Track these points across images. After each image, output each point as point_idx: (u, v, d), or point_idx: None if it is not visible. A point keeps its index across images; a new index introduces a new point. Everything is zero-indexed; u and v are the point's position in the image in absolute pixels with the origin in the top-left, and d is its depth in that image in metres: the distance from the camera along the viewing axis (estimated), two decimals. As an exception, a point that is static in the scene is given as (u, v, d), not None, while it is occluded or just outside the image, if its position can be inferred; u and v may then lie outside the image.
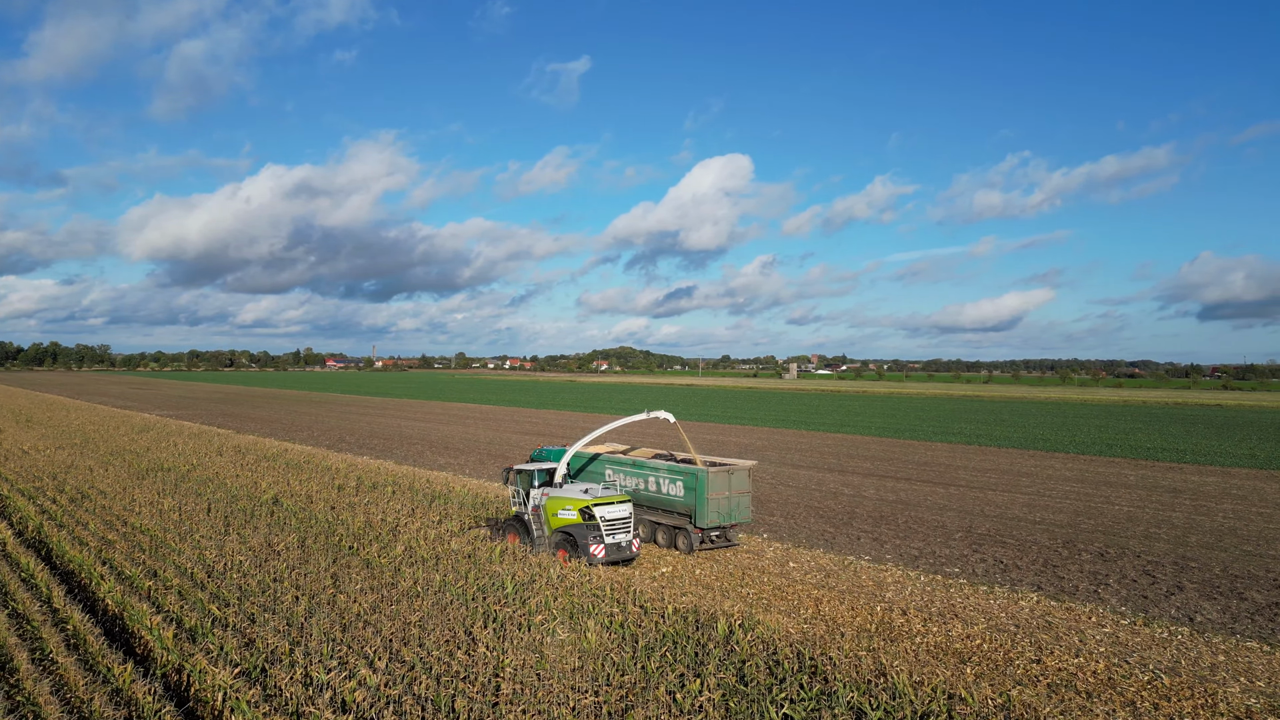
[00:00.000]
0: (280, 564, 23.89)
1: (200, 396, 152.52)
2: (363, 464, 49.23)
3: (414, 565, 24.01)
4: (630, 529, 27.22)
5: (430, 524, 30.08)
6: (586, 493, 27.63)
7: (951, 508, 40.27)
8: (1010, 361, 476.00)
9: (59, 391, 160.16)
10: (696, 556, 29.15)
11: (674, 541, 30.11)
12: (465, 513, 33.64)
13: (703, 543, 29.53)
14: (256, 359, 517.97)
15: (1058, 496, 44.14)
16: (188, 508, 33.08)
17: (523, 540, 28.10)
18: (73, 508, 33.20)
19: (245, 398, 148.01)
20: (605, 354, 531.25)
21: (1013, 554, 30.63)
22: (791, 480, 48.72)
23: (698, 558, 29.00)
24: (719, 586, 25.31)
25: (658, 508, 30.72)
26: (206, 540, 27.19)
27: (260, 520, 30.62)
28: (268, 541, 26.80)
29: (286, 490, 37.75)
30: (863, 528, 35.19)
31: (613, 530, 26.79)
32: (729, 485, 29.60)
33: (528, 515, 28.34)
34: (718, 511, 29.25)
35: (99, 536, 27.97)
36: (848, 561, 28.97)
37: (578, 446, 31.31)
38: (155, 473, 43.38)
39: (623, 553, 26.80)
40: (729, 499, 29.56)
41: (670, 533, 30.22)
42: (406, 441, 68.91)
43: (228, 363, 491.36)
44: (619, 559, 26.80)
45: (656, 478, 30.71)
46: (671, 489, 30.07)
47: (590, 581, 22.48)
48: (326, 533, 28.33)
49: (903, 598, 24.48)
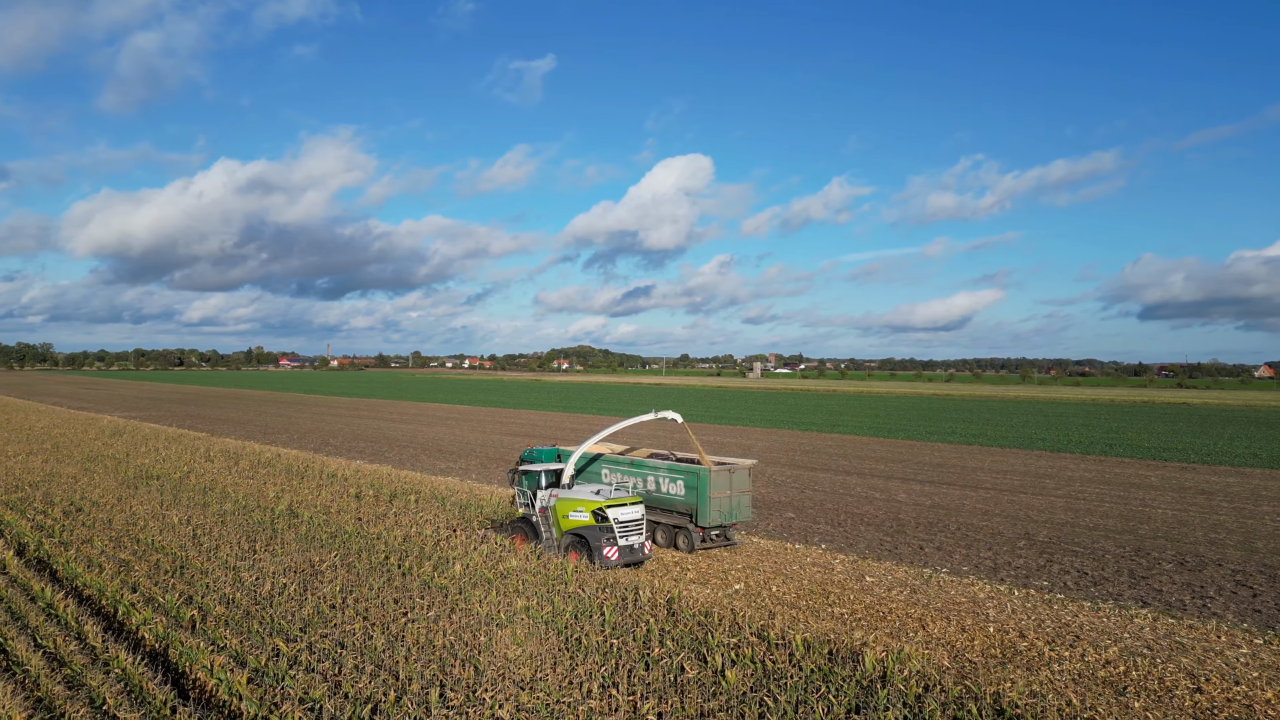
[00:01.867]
0: (330, 588, 21.38)
1: (157, 397, 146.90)
2: (369, 470, 46.43)
3: (480, 586, 21.67)
4: (643, 530, 26.74)
5: (475, 539, 27.68)
6: (599, 494, 26.96)
7: (994, 512, 38.82)
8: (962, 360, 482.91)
9: (6, 392, 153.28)
10: (766, 574, 27.20)
11: (674, 541, 29.68)
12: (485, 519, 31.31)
13: (704, 541, 29.20)
14: (206, 358, 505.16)
15: (1092, 499, 42.98)
16: (198, 520, 30.28)
17: (530, 542, 27.16)
18: (70, 522, 30.16)
19: (206, 398, 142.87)
20: (564, 353, 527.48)
21: (1090, 564, 29.13)
22: (816, 484, 47.00)
23: (765, 575, 27.05)
24: (807, 606, 23.34)
25: (657, 507, 30.08)
26: (235, 559, 24.52)
27: (284, 535, 27.96)
28: (307, 560, 24.22)
29: (299, 500, 35.00)
30: (918, 535, 33.51)
31: (626, 532, 26.20)
32: (730, 484, 29.26)
33: (536, 517, 27.64)
34: (719, 510, 28.92)
35: (111, 556, 25.11)
36: (926, 575, 27.19)
37: (586, 447, 30.38)
38: (146, 481, 40.25)
39: (635, 555, 26.26)
40: (730, 498, 29.22)
41: (670, 532, 29.81)
42: (395, 444, 66.00)
43: (177, 362, 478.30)
44: (632, 561, 26.23)
45: (656, 477, 30.23)
46: (672, 488, 29.63)
47: (688, 606, 20.37)
48: (366, 549, 25.79)
49: (1006, 616, 22.72)
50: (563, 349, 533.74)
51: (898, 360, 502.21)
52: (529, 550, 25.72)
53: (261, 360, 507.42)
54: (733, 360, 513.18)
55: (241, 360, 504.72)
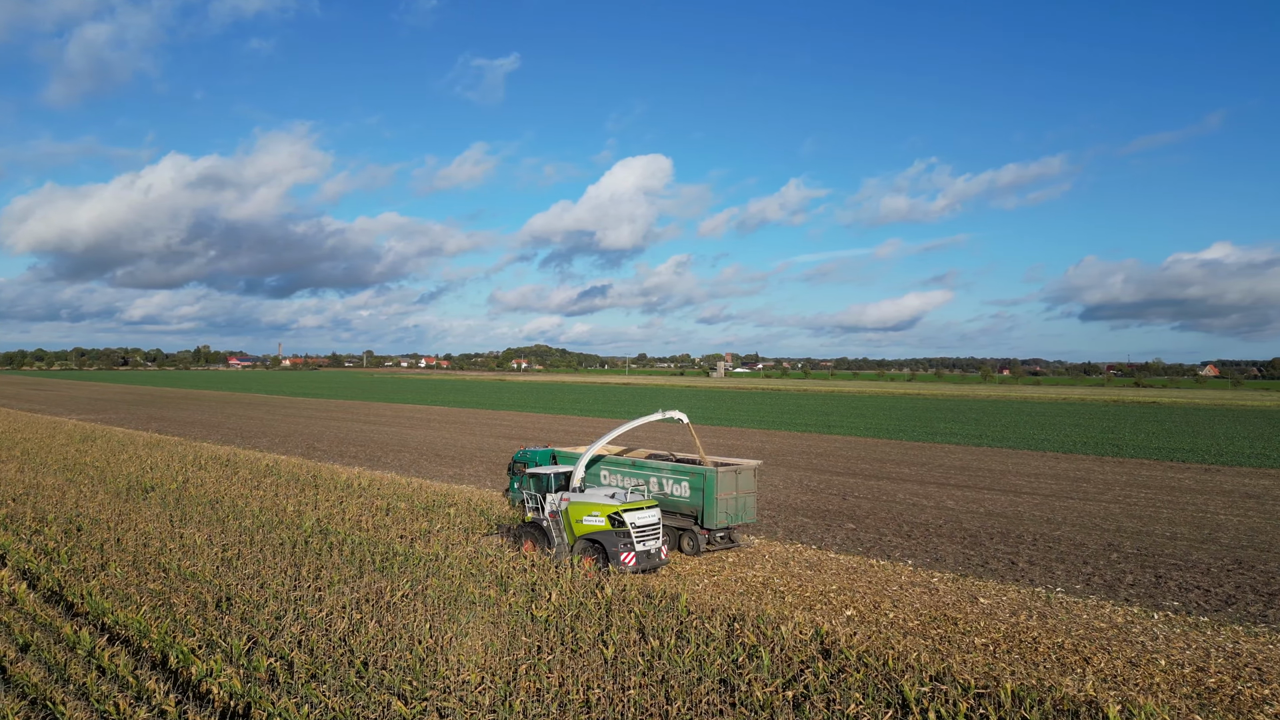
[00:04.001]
0: (419, 626, 18.40)
1: (110, 398, 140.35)
2: (384, 480, 43.04)
3: (591, 621, 18.87)
4: (659, 535, 25.86)
5: (548, 559, 24.80)
6: (613, 498, 26.21)
7: (1058, 520, 36.88)
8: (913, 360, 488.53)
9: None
10: (867, 595, 24.75)
11: (678, 544, 28.90)
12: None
13: (709, 543, 28.54)
14: (152, 357, 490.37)
15: (1142, 504, 41.33)
16: (221, 540, 26.91)
17: (540, 548, 26.20)
18: (74, 544, 26.57)
19: (163, 400, 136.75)
20: (521, 352, 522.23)
21: (1203, 579, 27.12)
22: (854, 490, 44.73)
23: (869, 597, 24.60)
24: (940, 635, 20.89)
25: (660, 509, 28.26)
26: (286, 589, 21.34)
27: (326, 557, 24.76)
28: (373, 590, 21.14)
29: (323, 515, 31.72)
30: (999, 548, 31.33)
31: (643, 537, 25.30)
32: (736, 485, 28.60)
33: (545, 521, 26.58)
34: (726, 512, 28.22)
35: (139, 587, 21.75)
36: (1041, 594, 24.92)
37: (596, 448, 29.43)
38: (141, 493, 36.54)
39: (652, 560, 25.43)
40: (736, 499, 28.59)
41: (674, 534, 28.95)
42: (388, 449, 62.43)
43: (121, 361, 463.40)
44: (649, 567, 25.37)
45: (659, 478, 29.34)
46: (676, 489, 28.81)
47: (843, 645, 17.78)
48: (436, 574, 22.77)
49: (1171, 648, 20.41)
50: (519, 348, 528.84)
51: (851, 360, 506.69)
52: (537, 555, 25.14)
53: (210, 360, 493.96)
54: (690, 360, 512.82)
55: (189, 359, 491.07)
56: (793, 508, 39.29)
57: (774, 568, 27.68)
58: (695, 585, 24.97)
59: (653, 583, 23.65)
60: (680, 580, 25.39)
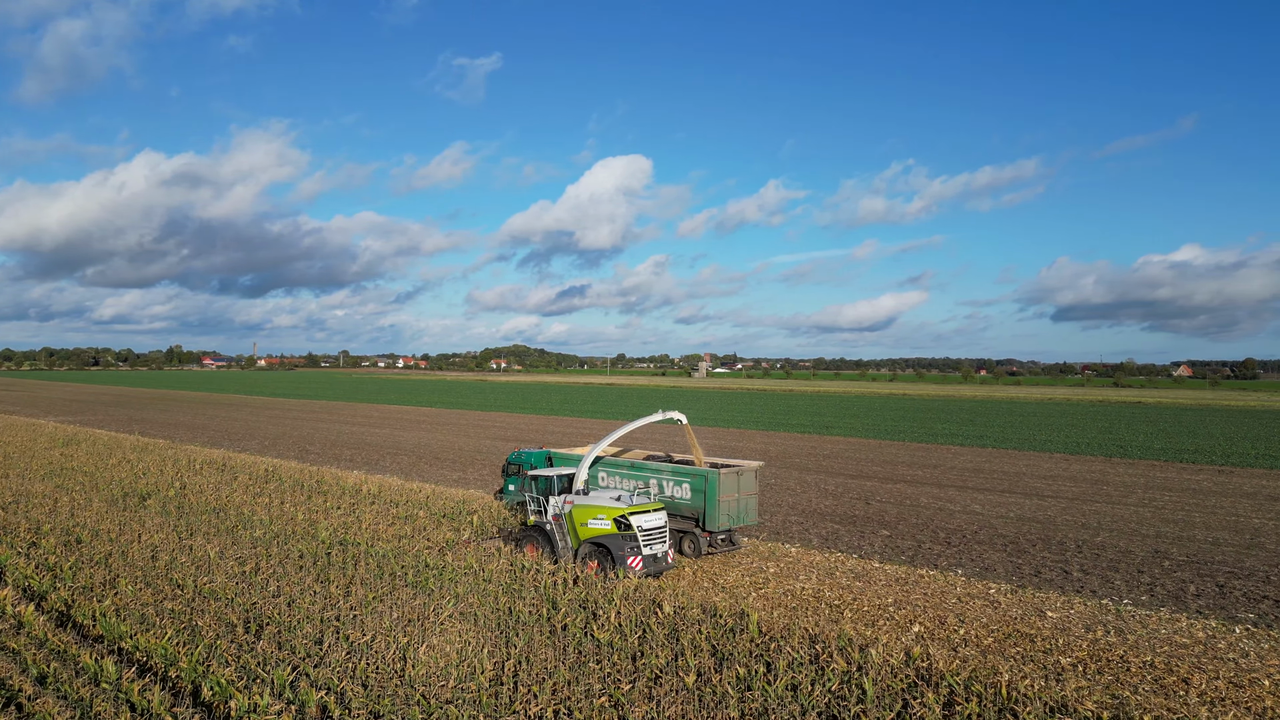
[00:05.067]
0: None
1: (85, 399, 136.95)
2: (391, 485, 41.24)
3: (657, 643, 17.40)
4: (666, 539, 25.27)
5: (601, 576, 23.28)
6: (619, 500, 25.68)
7: (1094, 525, 35.85)
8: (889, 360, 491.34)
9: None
10: (928, 610, 23.46)
11: (679, 546, 28.31)
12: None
13: (710, 546, 28.05)
14: (123, 357, 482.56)
15: (1171, 508, 40.43)
16: (235, 554, 25.17)
17: (543, 552, 25.44)
18: (76, 558, 24.70)
19: (140, 400, 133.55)
20: (500, 352, 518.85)
21: (1273, 590, 26.00)
22: (874, 494, 43.52)
23: (931, 612, 23.32)
24: (1021, 654, 19.61)
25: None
26: (318, 610, 19.69)
27: (354, 572, 23.10)
28: (418, 612, 19.52)
29: (338, 524, 30.01)
30: (1046, 556, 30.18)
31: (650, 540, 24.72)
32: (738, 486, 28.06)
33: (549, 525, 25.86)
34: (728, 514, 27.66)
35: (159, 608, 20.00)
36: (1107, 607, 23.72)
37: (599, 449, 28.76)
38: (138, 500, 34.60)
39: (659, 564, 24.88)
40: (738, 501, 28.07)
41: (675, 537, 28.27)
42: (384, 451, 60.56)
43: (92, 361, 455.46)
44: (655, 571, 24.77)
45: (659, 479, 28.72)
46: (677, 491, 28.18)
47: (941, 667, 16.43)
48: (477, 590, 21.18)
49: (1274, 669, 19.25)
50: (497, 348, 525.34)
51: (828, 360, 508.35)
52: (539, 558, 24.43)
53: (183, 359, 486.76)
54: (669, 360, 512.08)
55: (162, 359, 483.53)
56: (819, 513, 38.01)
57: (820, 578, 26.35)
58: (744, 598, 23.61)
59: (715, 599, 22.21)
60: (728, 593, 24.00)
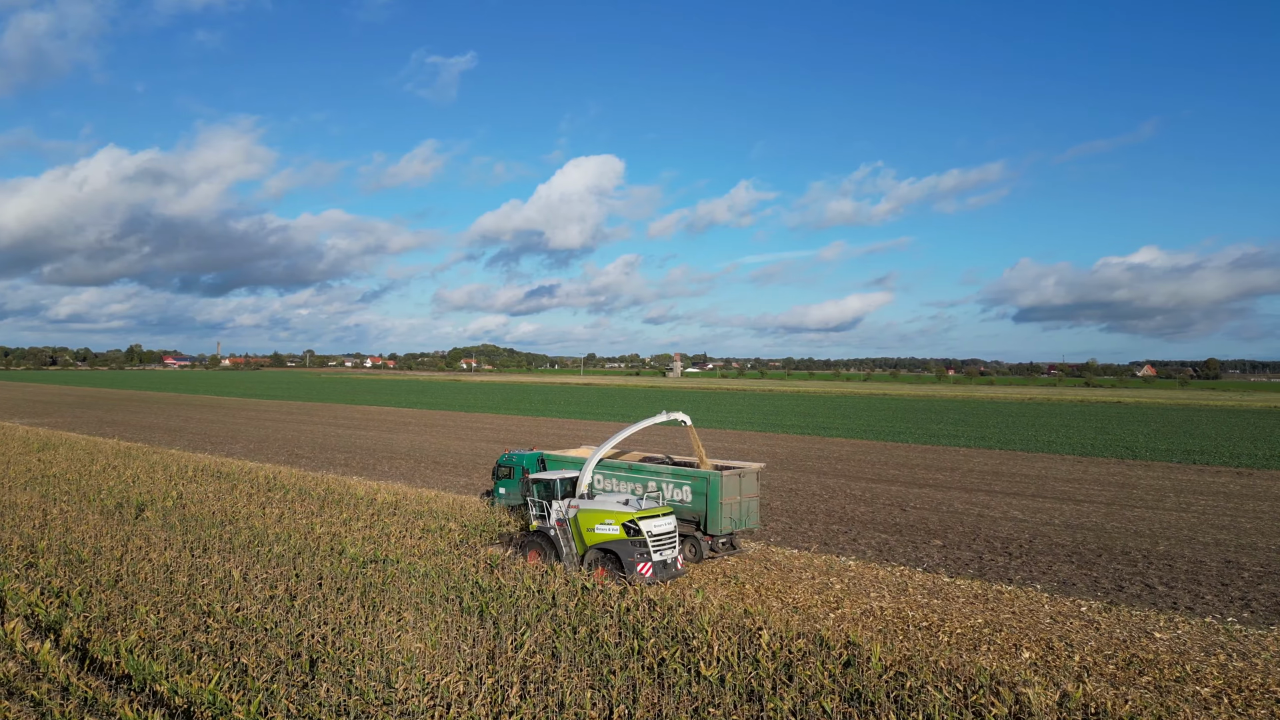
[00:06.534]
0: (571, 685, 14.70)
1: (49, 400, 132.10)
2: (407, 493, 38.72)
3: (765, 675, 15.36)
4: (676, 544, 24.61)
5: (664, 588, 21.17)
6: (626, 504, 24.99)
7: (1145, 533, 34.36)
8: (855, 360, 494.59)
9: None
10: (1014, 628, 21.65)
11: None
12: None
13: (711, 550, 27.53)
14: (81, 356, 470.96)
15: (1216, 513, 39.16)
16: (256, 573, 22.73)
17: (546, 559, 24.67)
18: (81, 581, 22.12)
19: (109, 401, 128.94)
20: (469, 352, 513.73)
21: (1367, 603, 24.66)
22: (906, 500, 41.80)
23: (1030, 634, 21.51)
24: (1150, 683, 17.84)
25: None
26: (384, 645, 17.39)
27: (396, 593, 20.80)
28: (495, 648, 17.30)
29: (364, 538, 27.61)
30: (1117, 568, 28.56)
31: (659, 546, 24.03)
32: (740, 489, 27.63)
33: (553, 530, 25.10)
34: (730, 517, 27.19)
35: (193, 642, 17.57)
36: (1212, 626, 22.09)
37: (603, 452, 28.09)
38: (135, 512, 31.89)
39: (669, 571, 24.20)
40: (740, 503, 27.65)
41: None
42: (378, 456, 57.91)
43: (50, 360, 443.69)
44: (665, 578, 24.04)
45: (658, 481, 28.11)
46: (677, 494, 27.64)
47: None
48: (548, 616, 19.00)
49: None
50: (464, 348, 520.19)
51: (796, 360, 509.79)
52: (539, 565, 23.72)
53: (144, 359, 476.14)
54: (640, 359, 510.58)
55: (121, 359, 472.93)
56: (859, 520, 36.19)
57: (894, 595, 24.48)
58: (821, 618, 21.68)
59: (793, 620, 20.21)
60: (803, 613, 22.03)
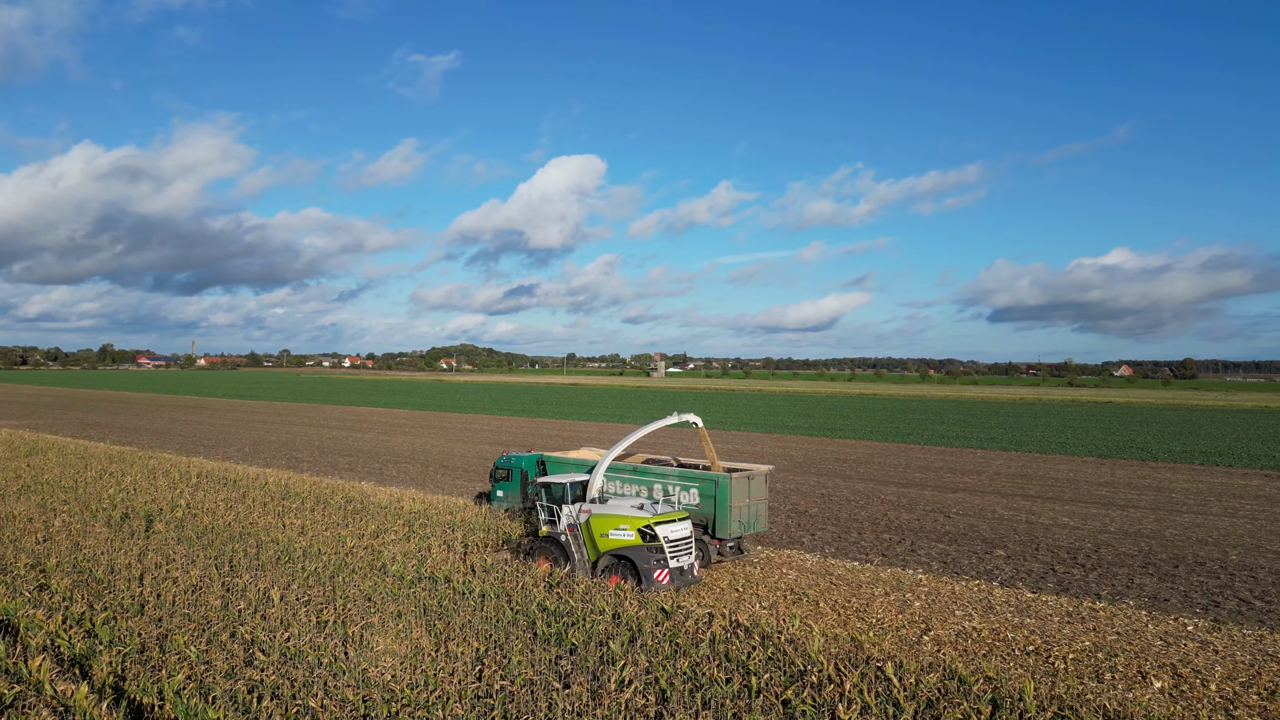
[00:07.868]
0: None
1: (25, 400, 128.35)
2: (434, 501, 36.61)
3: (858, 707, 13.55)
4: (692, 550, 23.90)
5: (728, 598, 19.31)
6: (641, 509, 24.00)
7: (1206, 539, 32.94)
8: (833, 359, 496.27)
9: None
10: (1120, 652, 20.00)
11: None
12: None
13: (719, 554, 26.91)
14: (52, 356, 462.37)
15: (1268, 519, 37.86)
16: (295, 594, 20.65)
17: (556, 565, 23.96)
18: (100, 605, 19.93)
19: (87, 402, 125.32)
20: (448, 351, 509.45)
21: None
22: (945, 505, 40.19)
23: (1144, 659, 19.86)
24: (1317, 716, 16.22)
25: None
26: (464, 682, 15.39)
27: (459, 617, 18.80)
28: (595, 680, 15.34)
29: (402, 551, 25.53)
30: (1198, 580, 27.02)
31: (676, 552, 23.34)
32: (749, 492, 27.17)
33: (564, 536, 24.36)
34: (739, 520, 26.66)
35: (247, 680, 15.48)
36: (1341, 646, 20.57)
37: (614, 454, 26.97)
38: (143, 523, 29.60)
39: (686, 578, 23.55)
40: (749, 506, 27.20)
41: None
42: (381, 459, 55.64)
43: (19, 360, 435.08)
44: (683, 585, 23.43)
45: (665, 484, 27.54)
46: (685, 497, 27.08)
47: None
48: (633, 644, 17.06)
49: None
50: (442, 347, 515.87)
51: (776, 360, 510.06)
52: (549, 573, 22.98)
53: (117, 359, 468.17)
54: (620, 359, 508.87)
55: (94, 358, 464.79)
56: (910, 529, 34.51)
57: (982, 614, 22.79)
58: (914, 641, 19.94)
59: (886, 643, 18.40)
60: (895, 635, 20.25)
